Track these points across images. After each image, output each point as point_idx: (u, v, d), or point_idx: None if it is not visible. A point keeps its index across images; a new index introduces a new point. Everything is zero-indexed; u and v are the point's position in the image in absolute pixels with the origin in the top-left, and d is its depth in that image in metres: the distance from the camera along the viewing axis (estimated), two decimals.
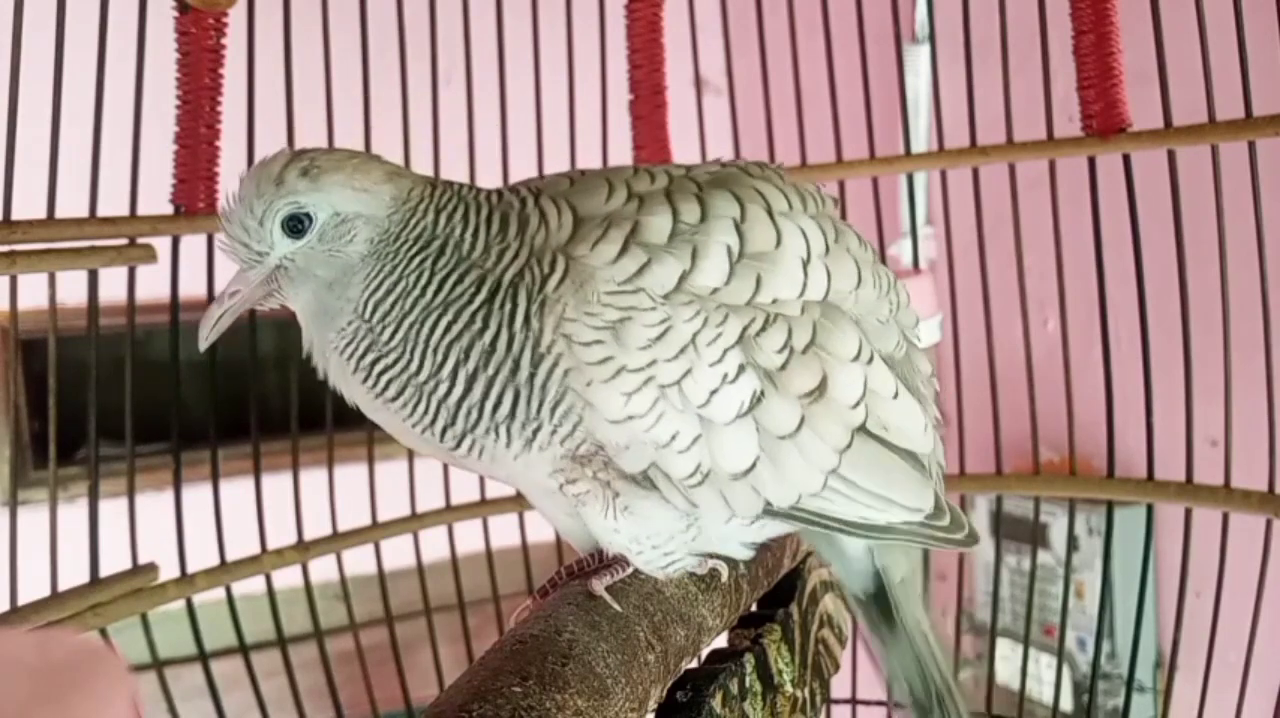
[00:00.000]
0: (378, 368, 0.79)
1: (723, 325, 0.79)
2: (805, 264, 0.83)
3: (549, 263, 0.78)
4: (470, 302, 0.78)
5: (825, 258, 0.84)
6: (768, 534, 0.89)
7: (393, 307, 0.78)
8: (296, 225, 0.79)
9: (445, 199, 0.81)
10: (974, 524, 0.93)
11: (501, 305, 0.77)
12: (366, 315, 0.79)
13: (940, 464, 0.92)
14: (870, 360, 0.85)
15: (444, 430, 0.79)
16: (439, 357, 0.78)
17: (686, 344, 0.78)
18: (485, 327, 0.77)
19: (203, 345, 0.83)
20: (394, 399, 0.80)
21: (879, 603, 0.95)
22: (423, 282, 0.78)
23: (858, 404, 0.84)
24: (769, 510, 0.83)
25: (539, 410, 0.78)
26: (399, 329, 0.78)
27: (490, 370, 0.77)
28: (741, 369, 0.79)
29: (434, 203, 0.80)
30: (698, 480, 0.80)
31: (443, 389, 0.78)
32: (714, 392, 0.78)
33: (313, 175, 0.78)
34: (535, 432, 0.78)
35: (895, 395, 0.86)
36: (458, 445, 0.80)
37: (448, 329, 0.78)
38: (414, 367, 0.78)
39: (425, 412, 0.79)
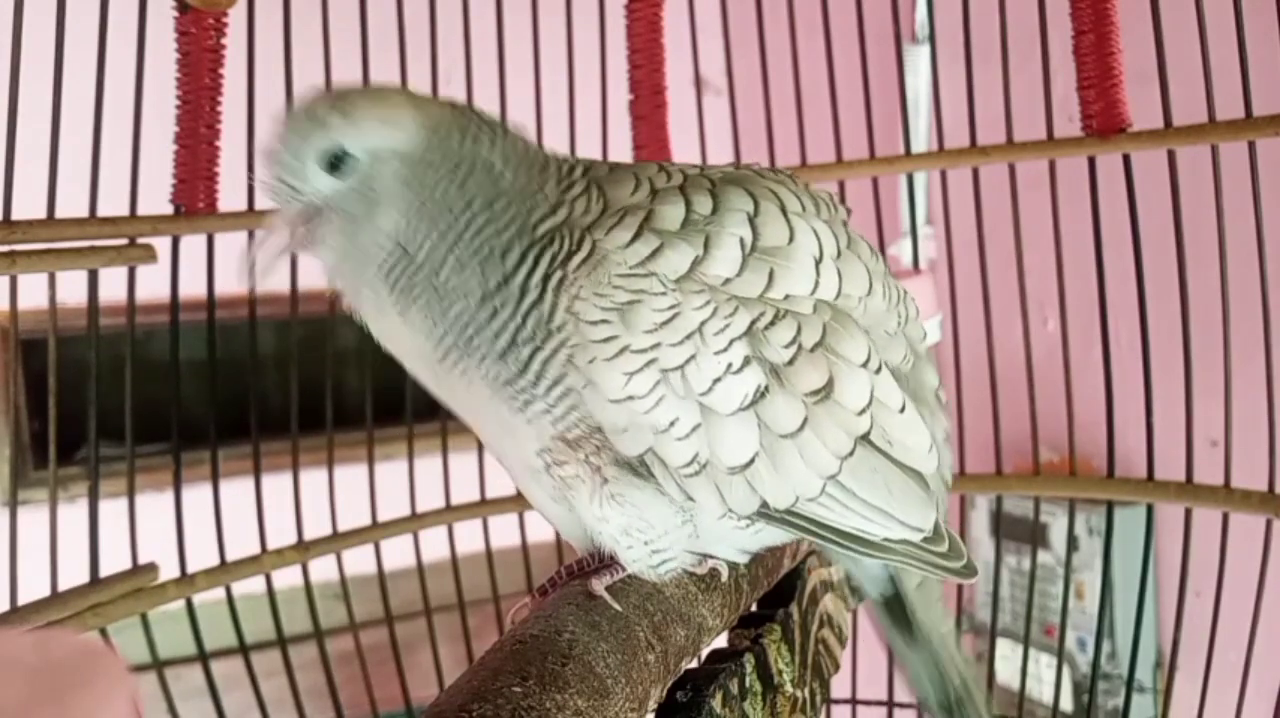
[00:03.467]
0: (403, 282, 0.79)
1: (732, 317, 0.79)
2: (818, 263, 0.83)
3: (576, 240, 0.78)
4: (505, 228, 0.78)
5: (837, 260, 0.84)
6: (764, 541, 0.89)
7: (427, 230, 0.78)
8: (335, 163, 0.79)
9: (471, 124, 0.80)
10: (973, 525, 0.93)
11: (528, 255, 0.77)
12: (401, 238, 0.78)
13: (946, 482, 0.91)
14: (878, 370, 0.85)
15: (442, 337, 0.79)
16: (459, 266, 0.77)
17: (693, 331, 0.78)
18: (503, 263, 0.77)
19: (256, 282, 0.83)
20: (413, 304, 0.79)
21: (896, 607, 0.95)
22: (452, 199, 0.78)
23: (863, 412, 0.83)
24: (765, 512, 0.83)
25: (535, 383, 0.78)
26: (432, 247, 0.78)
27: (498, 300, 0.77)
28: (747, 361, 0.79)
29: (458, 126, 0.80)
30: (694, 470, 0.80)
31: (453, 297, 0.78)
32: (717, 380, 0.78)
33: (347, 112, 0.78)
34: (526, 403, 0.79)
35: (902, 410, 0.86)
36: (444, 357, 0.79)
37: (477, 253, 0.77)
38: (440, 274, 0.78)
39: (435, 317, 0.78)
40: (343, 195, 0.79)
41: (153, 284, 1.25)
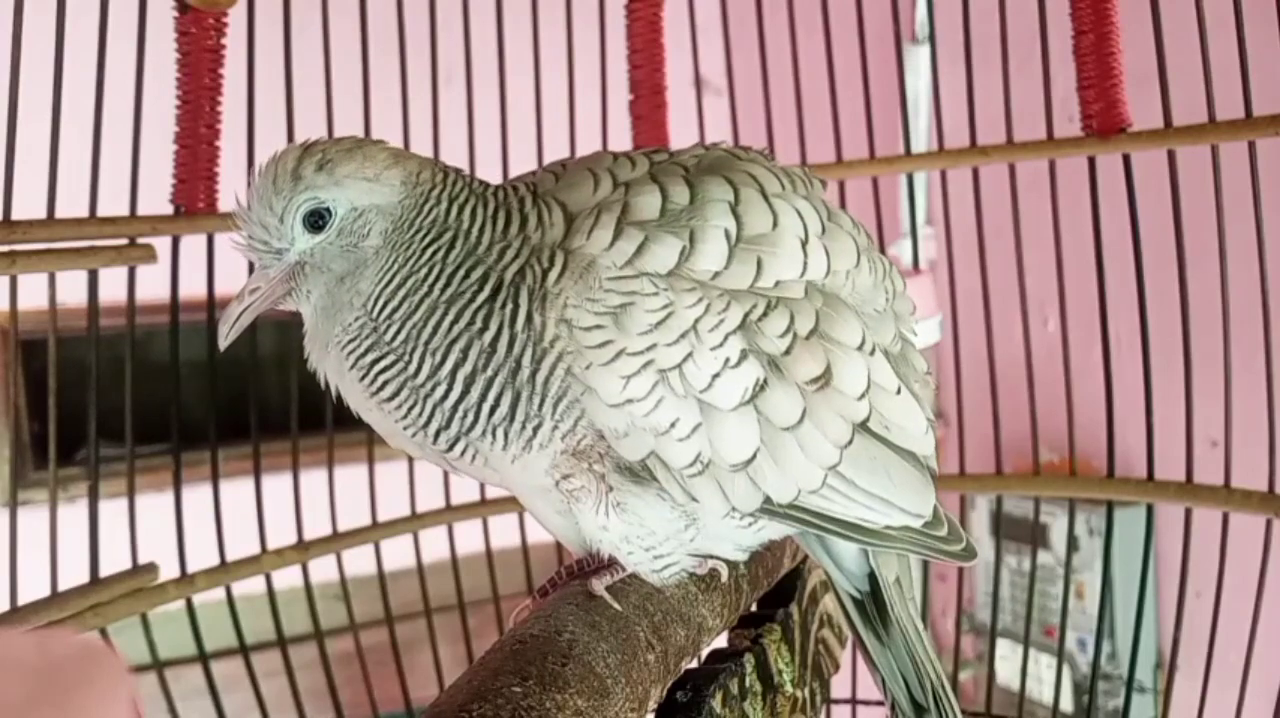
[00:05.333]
0: (377, 367, 0.79)
1: (725, 311, 0.78)
2: (804, 244, 0.82)
3: (547, 259, 0.78)
4: (472, 300, 0.77)
5: (823, 237, 0.84)
6: (765, 537, 0.89)
7: (400, 303, 0.78)
8: (316, 221, 0.79)
9: (458, 189, 0.81)
10: (974, 525, 0.93)
11: (503, 305, 0.77)
12: (374, 312, 0.79)
13: (933, 469, 0.91)
14: (873, 353, 0.85)
15: (437, 433, 0.79)
16: (437, 358, 0.77)
17: (688, 329, 0.77)
18: (485, 327, 0.77)
19: (223, 344, 0.82)
20: (389, 399, 0.79)
21: (873, 604, 0.95)
22: (431, 277, 0.78)
23: (862, 397, 0.83)
24: (767, 508, 0.83)
25: (540, 407, 0.77)
26: (402, 328, 0.78)
27: (489, 372, 0.77)
28: (744, 355, 0.79)
29: (447, 190, 0.80)
30: (697, 470, 0.80)
31: (440, 391, 0.78)
32: (715, 376, 0.78)
33: (329, 169, 0.78)
34: (536, 429, 0.78)
35: (898, 392, 0.86)
36: (450, 448, 0.80)
37: (449, 329, 0.77)
38: (412, 368, 0.78)
39: (420, 413, 0.79)
40: (323, 250, 0.79)
41: (153, 284, 1.25)
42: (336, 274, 0.80)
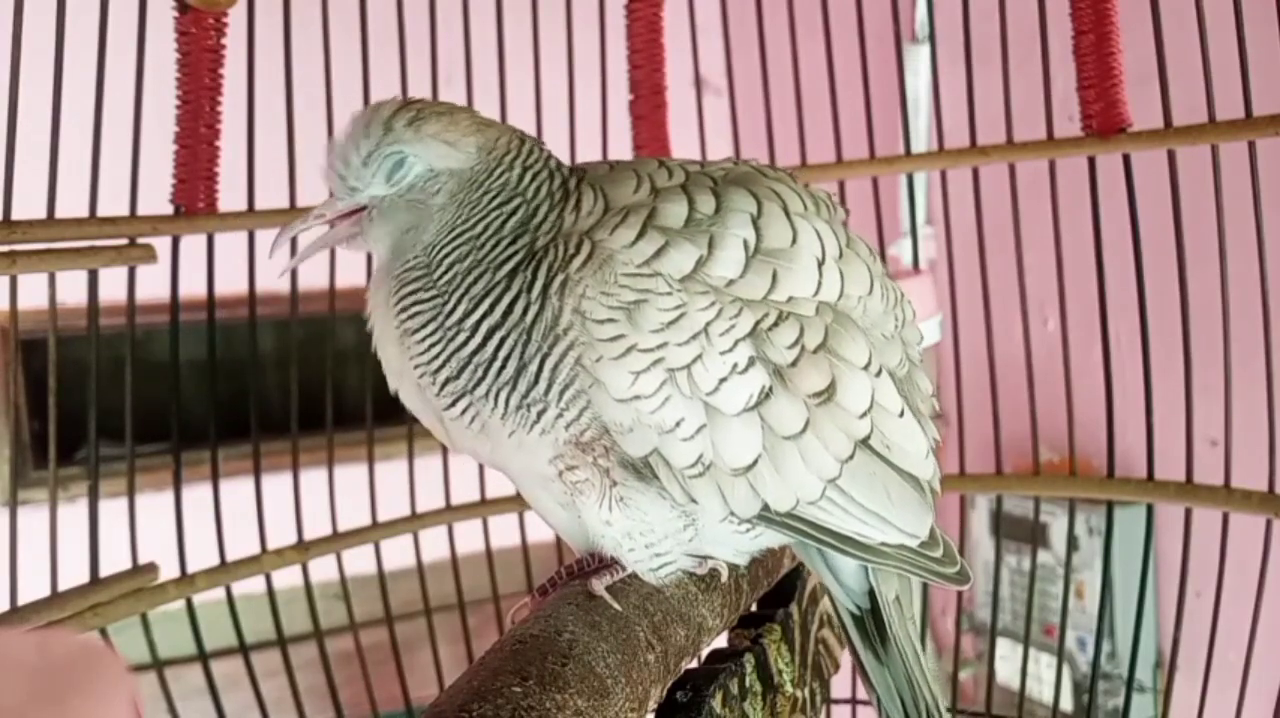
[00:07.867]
0: (416, 296, 0.82)
1: (736, 318, 0.80)
2: (820, 264, 0.83)
3: (575, 244, 0.80)
4: (508, 260, 0.80)
5: (839, 261, 0.85)
6: (762, 544, 0.89)
7: (454, 249, 0.82)
8: (396, 171, 0.83)
9: (533, 159, 0.85)
10: (973, 525, 0.93)
11: (526, 269, 0.80)
12: (430, 253, 0.82)
13: (935, 491, 0.91)
14: (879, 374, 0.85)
15: (445, 382, 0.81)
16: (472, 304, 0.80)
17: (699, 331, 0.79)
18: (508, 287, 0.79)
19: (272, 254, 0.87)
20: (415, 332, 0.81)
21: (872, 621, 0.95)
22: (488, 234, 0.82)
23: (864, 415, 0.84)
24: (765, 515, 0.83)
25: (547, 392, 0.78)
26: (450, 270, 0.81)
27: (504, 330, 0.79)
28: (752, 362, 0.80)
29: (521, 158, 0.84)
30: (698, 472, 0.80)
31: (462, 338, 0.80)
32: (723, 380, 0.79)
33: (416, 126, 0.82)
34: (540, 414, 0.79)
35: (901, 414, 0.86)
36: (452, 404, 0.81)
37: (490, 283, 0.80)
38: (448, 307, 0.80)
39: (437, 355, 0.81)
40: (391, 201, 0.84)
41: (153, 284, 1.25)
42: (400, 225, 0.84)
